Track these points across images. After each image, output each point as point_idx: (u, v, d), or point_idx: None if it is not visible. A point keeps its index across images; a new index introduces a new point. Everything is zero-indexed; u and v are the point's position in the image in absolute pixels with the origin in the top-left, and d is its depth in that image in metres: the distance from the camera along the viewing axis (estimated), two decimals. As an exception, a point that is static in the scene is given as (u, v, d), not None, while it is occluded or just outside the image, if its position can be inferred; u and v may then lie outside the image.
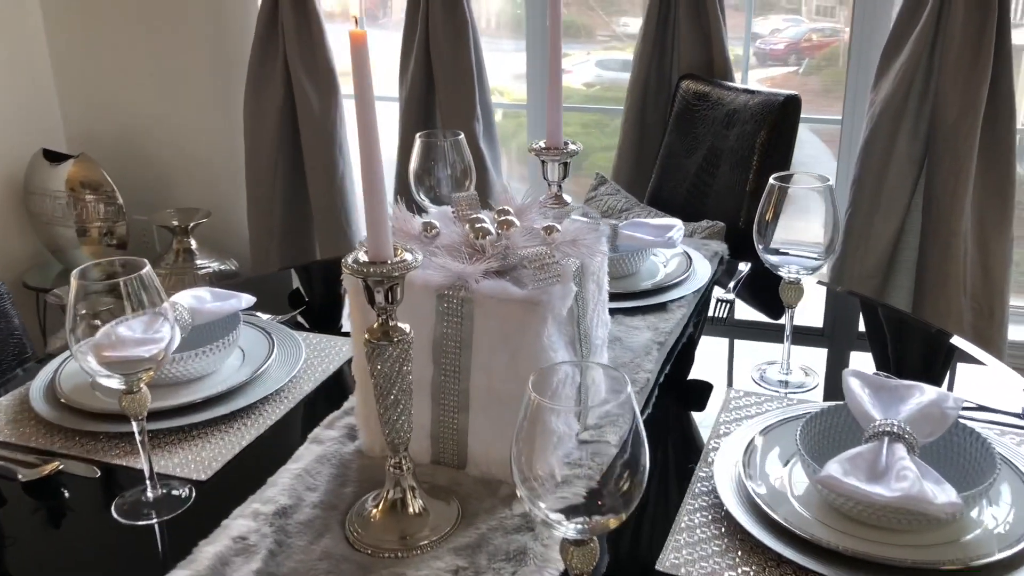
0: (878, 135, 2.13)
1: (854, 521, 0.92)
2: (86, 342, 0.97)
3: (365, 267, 0.86)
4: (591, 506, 0.76)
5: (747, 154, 1.96)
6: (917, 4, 2.06)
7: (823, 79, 2.73)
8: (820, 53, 2.64)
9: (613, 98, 2.73)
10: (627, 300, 1.44)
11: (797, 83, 2.53)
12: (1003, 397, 1.21)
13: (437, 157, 1.48)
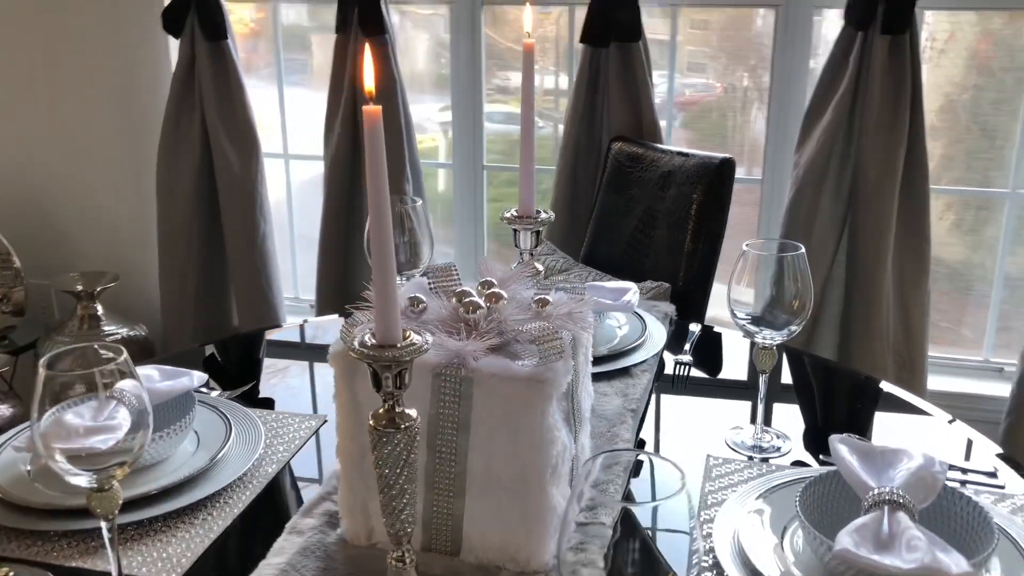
0: (803, 196, 2.20)
1: None
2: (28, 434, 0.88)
3: (375, 351, 0.81)
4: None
5: (684, 215, 1.99)
6: (836, 72, 2.16)
7: (698, 133, 2.83)
8: (693, 108, 2.74)
9: (500, 151, 2.77)
10: (594, 366, 1.42)
11: (675, 136, 2.62)
12: (950, 448, 1.26)
13: (395, 224, 1.45)
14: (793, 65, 2.36)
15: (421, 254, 1.45)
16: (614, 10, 2.19)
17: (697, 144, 2.78)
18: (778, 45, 2.37)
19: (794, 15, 2.33)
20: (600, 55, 2.25)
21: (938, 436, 1.35)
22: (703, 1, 2.43)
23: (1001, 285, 2.47)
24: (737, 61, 2.61)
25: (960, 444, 1.30)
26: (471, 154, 2.64)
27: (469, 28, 2.53)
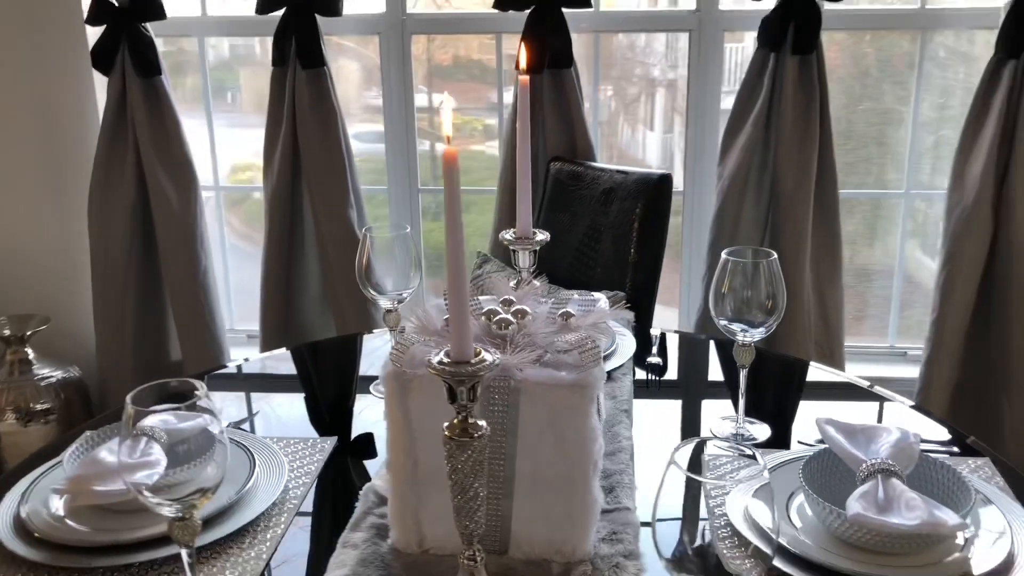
0: (728, 203, 2.38)
1: (859, 548, 1.06)
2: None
3: (455, 368, 0.90)
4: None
5: (627, 228, 2.13)
6: (752, 90, 2.35)
7: (616, 150, 3.02)
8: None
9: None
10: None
11: (604, 154, 2.80)
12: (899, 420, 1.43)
13: (385, 252, 1.52)
14: (707, 83, 2.54)
15: (411, 279, 1.53)
16: (548, 39, 2.32)
17: (619, 160, 2.95)
18: (692, 65, 2.54)
19: (707, 37, 2.51)
20: (535, 81, 2.37)
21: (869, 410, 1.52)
22: (623, 28, 2.59)
23: (901, 277, 2.72)
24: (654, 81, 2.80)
25: (906, 420, 1.48)
26: (406, 178, 2.71)
27: (399, 56, 2.61)
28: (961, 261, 2.36)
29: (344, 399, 1.63)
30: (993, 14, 2.32)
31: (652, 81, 2.86)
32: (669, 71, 2.86)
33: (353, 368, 1.82)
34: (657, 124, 3.09)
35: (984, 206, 2.31)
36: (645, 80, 2.76)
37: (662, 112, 3.04)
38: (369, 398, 1.56)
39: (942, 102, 2.63)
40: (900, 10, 2.51)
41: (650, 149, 3.06)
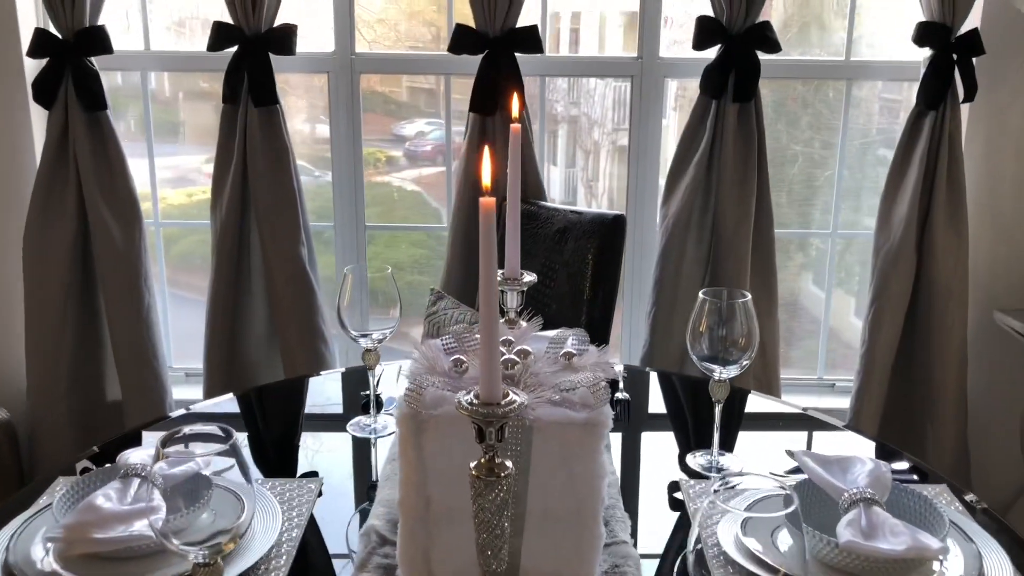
0: (673, 242, 2.47)
1: (843, 572, 1.13)
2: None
3: (483, 408, 0.93)
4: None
5: (582, 267, 2.19)
6: (694, 134, 2.46)
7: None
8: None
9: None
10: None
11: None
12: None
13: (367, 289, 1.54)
14: (648, 126, 2.64)
15: (392, 319, 1.56)
16: (502, 83, 2.38)
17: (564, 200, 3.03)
18: (635, 109, 2.64)
19: (648, 83, 2.61)
20: (487, 122, 2.42)
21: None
22: (568, 73, 2.67)
23: (829, 311, 2.86)
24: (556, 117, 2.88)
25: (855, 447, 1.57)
26: (353, 215, 2.72)
27: (347, 94, 2.63)
28: (888, 298, 2.51)
29: (290, 439, 1.63)
30: (914, 67, 2.49)
31: (554, 117, 2.94)
32: (572, 108, 2.95)
33: (300, 409, 1.80)
34: (560, 159, 3.19)
35: (908, 247, 2.47)
36: (548, 117, 2.82)
37: (564, 147, 3.13)
38: (325, 436, 1.59)
39: (864, 146, 2.81)
40: (828, 61, 2.67)
41: (554, 184, 3.12)
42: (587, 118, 3.09)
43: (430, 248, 3.08)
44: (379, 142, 3.09)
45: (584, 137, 3.17)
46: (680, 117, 2.69)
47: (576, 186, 3.28)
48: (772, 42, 2.36)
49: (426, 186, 3.22)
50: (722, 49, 2.38)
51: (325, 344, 2.53)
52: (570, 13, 2.96)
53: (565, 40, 2.98)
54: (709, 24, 2.36)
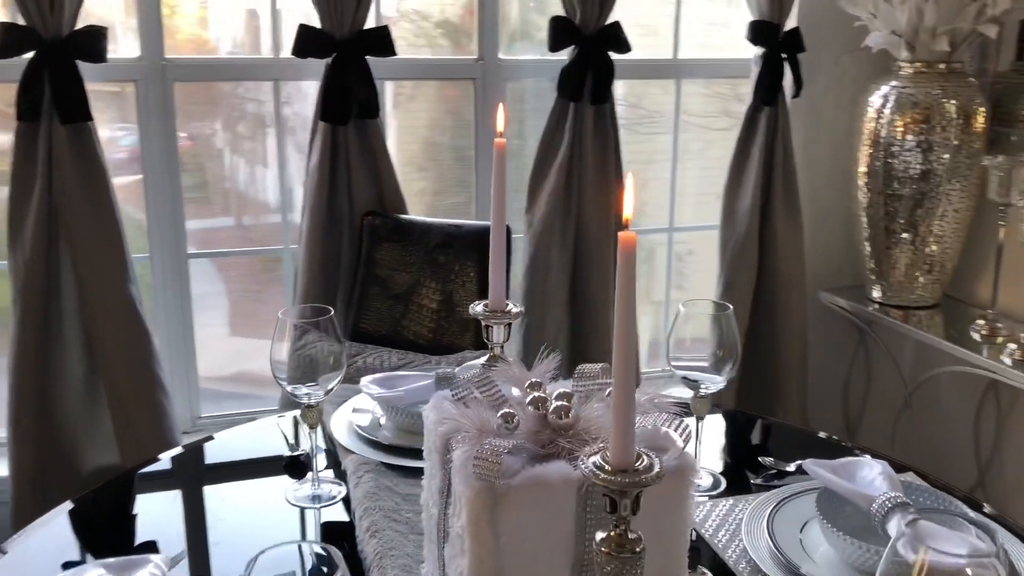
0: (539, 249, 2.40)
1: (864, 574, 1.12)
2: None
3: (618, 476, 0.80)
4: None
5: (467, 282, 2.07)
6: (553, 138, 2.40)
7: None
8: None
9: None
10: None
11: None
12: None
13: (310, 338, 1.33)
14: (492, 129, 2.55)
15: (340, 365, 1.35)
16: (354, 89, 2.18)
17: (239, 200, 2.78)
18: (478, 113, 2.54)
19: (490, 85, 2.52)
20: (339, 132, 2.21)
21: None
22: (409, 76, 2.51)
23: (667, 305, 2.93)
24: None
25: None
26: (173, 244, 2.39)
27: (159, 106, 2.30)
28: (736, 288, 2.61)
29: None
30: (745, 65, 2.60)
31: (262, 119, 2.72)
32: (284, 107, 2.75)
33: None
34: (271, 161, 2.96)
35: (752, 239, 2.58)
36: (254, 118, 2.64)
37: (274, 150, 2.90)
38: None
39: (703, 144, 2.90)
40: (659, 60, 2.71)
41: (269, 188, 2.90)
42: (298, 118, 2.81)
43: (259, 271, 2.79)
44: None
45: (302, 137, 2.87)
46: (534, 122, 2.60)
47: (292, 188, 3.00)
48: (623, 42, 2.36)
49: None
50: (576, 50, 2.34)
51: (166, 395, 2.20)
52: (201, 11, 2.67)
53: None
54: (563, 25, 2.31)
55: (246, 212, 2.74)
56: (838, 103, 2.75)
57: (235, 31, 2.64)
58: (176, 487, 1.47)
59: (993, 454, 2.65)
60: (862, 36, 2.54)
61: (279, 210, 2.54)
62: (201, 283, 2.56)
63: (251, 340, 2.82)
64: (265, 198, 2.76)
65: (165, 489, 1.47)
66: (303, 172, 2.35)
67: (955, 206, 2.49)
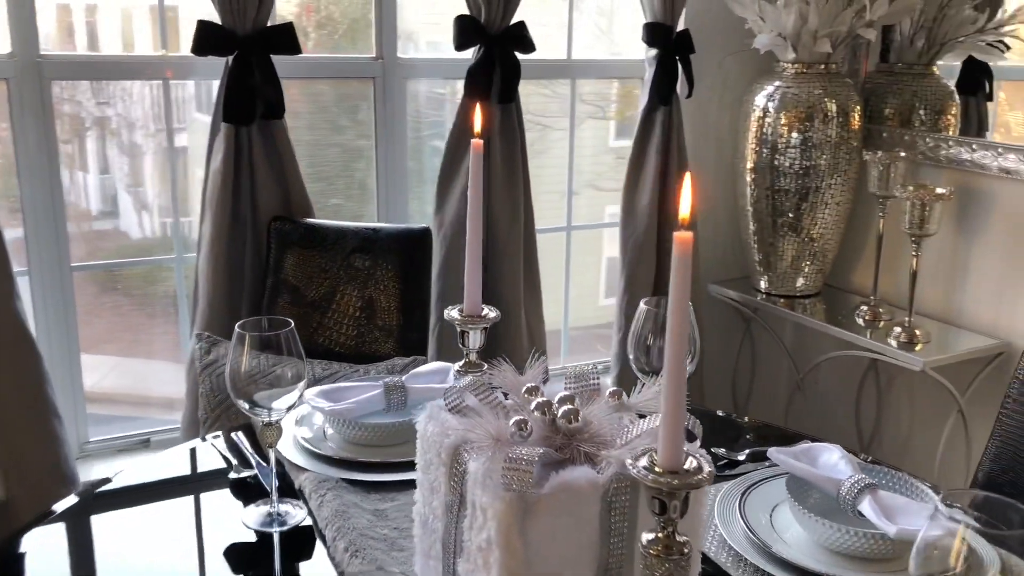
0: (452, 251, 2.37)
1: (841, 555, 1.18)
2: None
3: (668, 478, 0.80)
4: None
5: (388, 287, 2.01)
6: (460, 139, 2.37)
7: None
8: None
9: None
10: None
11: None
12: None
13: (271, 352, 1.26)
14: (393, 130, 2.50)
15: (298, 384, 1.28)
16: (257, 88, 2.07)
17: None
18: (378, 113, 2.49)
19: (391, 84, 2.47)
20: (242, 133, 2.10)
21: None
22: (308, 75, 2.42)
23: (568, 304, 2.96)
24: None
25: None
26: (55, 256, 2.21)
27: (36, 107, 2.12)
28: (637, 284, 2.67)
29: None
30: (639, 65, 2.66)
31: (81, 120, 2.60)
32: (106, 108, 2.61)
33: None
34: (92, 166, 2.82)
35: (651, 235, 2.64)
36: (74, 119, 2.52)
37: (96, 154, 2.76)
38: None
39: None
40: (555, 61, 2.73)
41: (91, 194, 2.77)
42: (122, 119, 2.65)
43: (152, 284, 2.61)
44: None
45: (123, 140, 2.73)
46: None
47: (117, 192, 2.84)
48: (528, 42, 2.36)
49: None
50: (482, 50, 2.32)
51: (59, 421, 2.03)
52: (84, 5, 2.50)
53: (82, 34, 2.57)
54: (469, 24, 2.29)
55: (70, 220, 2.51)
56: (722, 103, 2.86)
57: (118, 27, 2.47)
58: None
59: (875, 428, 2.83)
60: (744, 38, 2.65)
61: (103, 217, 2.39)
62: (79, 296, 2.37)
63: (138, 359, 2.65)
64: (87, 205, 2.58)
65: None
66: (128, 178, 2.22)
67: (836, 199, 2.64)
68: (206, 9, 2.06)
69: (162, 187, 2.55)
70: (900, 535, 1.13)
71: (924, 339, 2.37)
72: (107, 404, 2.54)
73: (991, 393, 2.42)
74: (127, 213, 2.74)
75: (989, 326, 2.44)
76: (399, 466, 1.37)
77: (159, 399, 2.57)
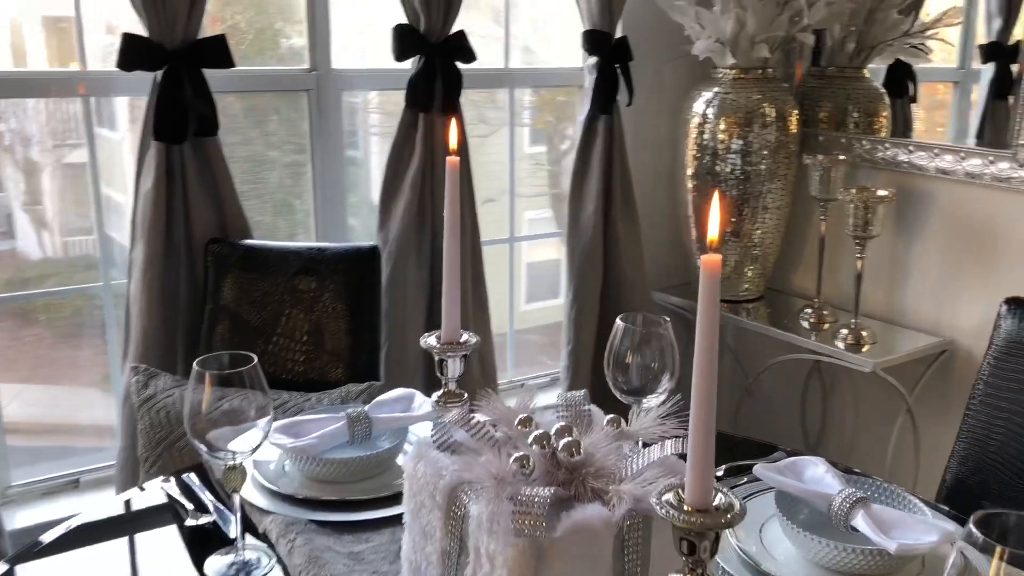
0: (397, 268, 2.29)
1: (834, 571, 1.16)
2: None
3: (697, 517, 0.75)
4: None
5: (337, 309, 1.93)
6: (403, 150, 2.29)
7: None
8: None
9: None
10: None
11: None
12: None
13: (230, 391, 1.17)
14: (328, 143, 2.41)
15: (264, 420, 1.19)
16: (189, 104, 1.96)
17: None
18: (314, 127, 2.39)
19: (325, 97, 2.38)
20: (174, 152, 1.98)
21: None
22: (239, 88, 2.31)
23: (513, 319, 2.91)
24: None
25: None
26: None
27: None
28: (585, 294, 2.63)
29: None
30: (577, 74, 2.62)
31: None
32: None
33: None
34: None
35: (597, 244, 2.61)
36: None
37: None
38: None
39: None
40: (493, 70, 2.68)
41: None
42: (16, 135, 2.49)
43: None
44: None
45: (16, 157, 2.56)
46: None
47: (12, 212, 2.67)
48: (469, 51, 2.30)
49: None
50: (422, 60, 2.25)
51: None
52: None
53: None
54: (408, 33, 2.22)
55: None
56: (660, 110, 2.85)
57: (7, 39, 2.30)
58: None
59: (821, 429, 2.86)
60: (679, 44, 2.64)
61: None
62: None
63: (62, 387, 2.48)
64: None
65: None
66: (23, 196, 2.08)
67: (776, 204, 2.65)
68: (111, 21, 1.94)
69: (61, 206, 2.40)
70: (901, 551, 1.10)
71: (871, 340, 2.39)
72: (29, 435, 2.36)
73: (936, 391, 2.46)
74: (25, 234, 2.56)
75: (931, 324, 2.48)
76: (371, 503, 1.30)
77: (88, 428, 2.41)
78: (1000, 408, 1.55)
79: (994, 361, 1.57)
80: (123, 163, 2.34)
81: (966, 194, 2.36)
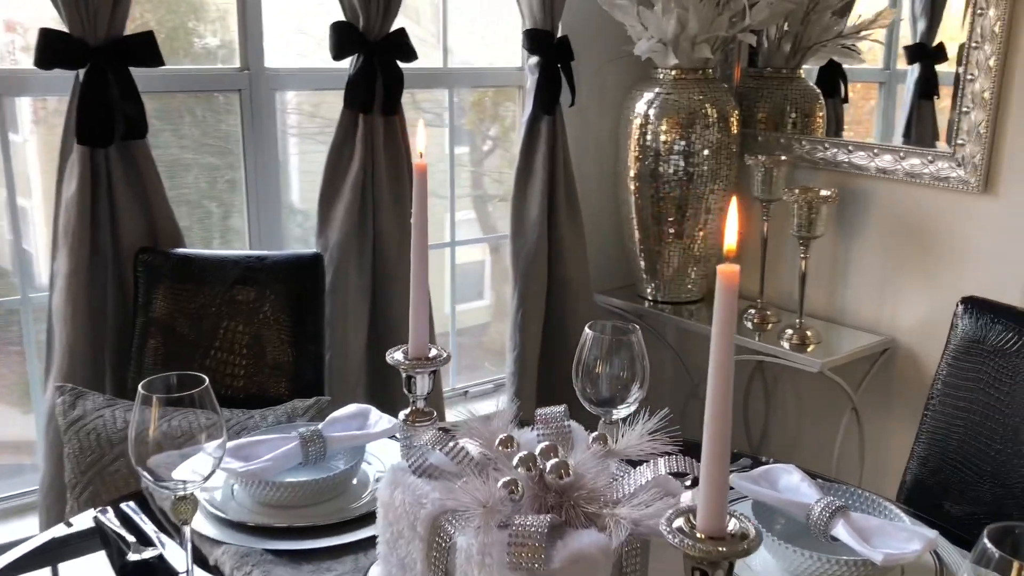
0: (339, 276, 2.20)
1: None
2: None
3: (712, 544, 0.70)
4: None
5: (277, 318, 1.83)
6: (342, 152, 2.20)
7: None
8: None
9: None
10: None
11: None
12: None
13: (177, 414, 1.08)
14: (262, 144, 2.30)
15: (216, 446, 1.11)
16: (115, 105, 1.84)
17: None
18: (247, 128, 2.29)
19: (258, 97, 2.27)
20: (99, 156, 1.86)
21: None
22: (170, 88, 2.18)
23: (454, 324, 2.84)
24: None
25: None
26: None
27: None
28: (530, 298, 2.58)
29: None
30: (514, 73, 2.57)
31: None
32: None
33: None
34: None
35: (542, 247, 2.56)
36: None
37: None
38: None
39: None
40: (431, 69, 2.61)
41: None
42: None
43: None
44: None
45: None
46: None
47: None
48: (410, 50, 2.23)
49: None
50: (361, 59, 2.17)
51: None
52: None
53: None
54: (347, 31, 2.13)
55: None
56: (601, 111, 2.82)
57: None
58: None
59: (764, 428, 2.87)
60: (620, 44, 2.62)
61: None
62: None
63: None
64: None
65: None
66: None
67: (719, 205, 2.64)
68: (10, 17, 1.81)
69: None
70: (888, 561, 1.08)
71: (815, 340, 2.40)
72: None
73: (879, 389, 2.48)
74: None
75: (872, 323, 2.50)
76: (331, 529, 1.22)
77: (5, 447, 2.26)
78: (959, 408, 1.55)
79: (952, 361, 1.57)
80: (26, 167, 2.19)
81: (905, 193, 2.39)
